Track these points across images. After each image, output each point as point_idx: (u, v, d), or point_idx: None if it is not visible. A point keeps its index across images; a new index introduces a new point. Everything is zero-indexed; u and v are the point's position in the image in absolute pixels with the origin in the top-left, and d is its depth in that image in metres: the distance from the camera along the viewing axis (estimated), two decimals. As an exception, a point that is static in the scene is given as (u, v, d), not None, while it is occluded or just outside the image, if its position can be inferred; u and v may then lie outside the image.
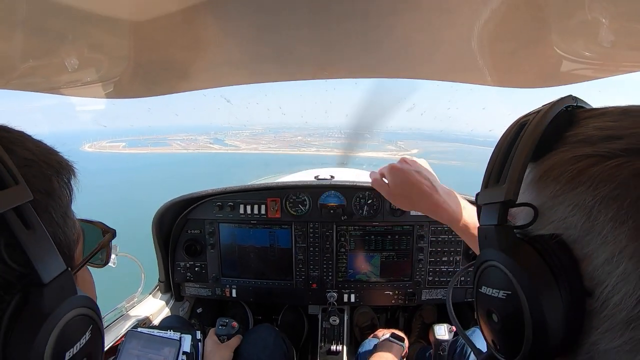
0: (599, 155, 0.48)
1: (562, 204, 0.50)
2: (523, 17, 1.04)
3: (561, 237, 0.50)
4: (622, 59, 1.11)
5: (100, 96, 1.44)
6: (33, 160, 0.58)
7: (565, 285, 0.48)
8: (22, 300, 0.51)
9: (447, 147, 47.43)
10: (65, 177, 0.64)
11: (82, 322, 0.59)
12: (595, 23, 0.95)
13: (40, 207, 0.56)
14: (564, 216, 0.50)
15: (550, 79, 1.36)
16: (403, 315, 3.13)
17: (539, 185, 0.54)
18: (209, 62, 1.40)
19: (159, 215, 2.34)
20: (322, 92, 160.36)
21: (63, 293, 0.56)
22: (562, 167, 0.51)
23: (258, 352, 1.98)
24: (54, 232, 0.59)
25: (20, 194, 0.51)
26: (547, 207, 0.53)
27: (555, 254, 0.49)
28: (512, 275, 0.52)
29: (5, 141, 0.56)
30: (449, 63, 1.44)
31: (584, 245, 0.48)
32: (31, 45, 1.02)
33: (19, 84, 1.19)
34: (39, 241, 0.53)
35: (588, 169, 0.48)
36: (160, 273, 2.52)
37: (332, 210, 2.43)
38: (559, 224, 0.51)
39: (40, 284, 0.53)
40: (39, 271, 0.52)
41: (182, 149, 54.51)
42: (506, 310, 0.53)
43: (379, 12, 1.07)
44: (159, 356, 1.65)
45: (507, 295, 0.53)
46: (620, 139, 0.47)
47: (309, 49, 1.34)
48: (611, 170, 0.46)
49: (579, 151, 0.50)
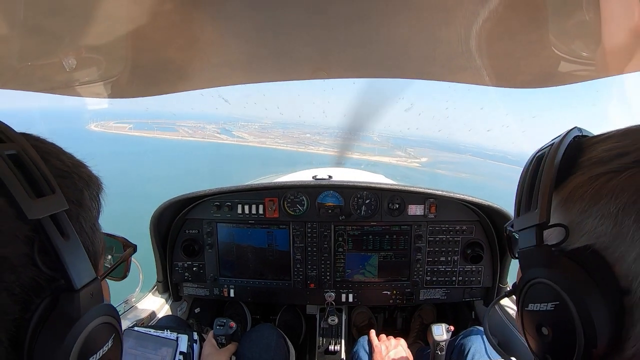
0: (613, 172, 0.55)
1: (589, 218, 0.57)
2: (521, 18, 1.05)
3: (594, 246, 0.56)
4: (619, 60, 1.11)
5: (98, 96, 1.44)
6: (67, 171, 0.60)
7: (604, 287, 0.54)
8: (51, 304, 0.53)
9: (456, 157, 47.25)
10: (95, 190, 0.66)
11: (106, 329, 0.60)
12: (592, 24, 0.95)
13: (73, 216, 0.58)
14: (594, 227, 0.56)
15: (548, 79, 1.37)
16: (401, 316, 3.14)
17: (566, 207, 0.61)
18: (206, 62, 1.40)
19: (156, 216, 2.33)
20: (319, 92, 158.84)
21: (92, 300, 0.57)
22: (583, 187, 0.58)
23: (260, 351, 1.98)
24: (84, 242, 0.60)
25: (57, 203, 0.53)
26: (576, 223, 0.59)
27: (592, 261, 0.55)
28: (558, 287, 0.58)
29: (41, 151, 0.57)
30: (447, 63, 1.44)
31: (615, 249, 0.54)
32: (29, 46, 1.01)
33: (17, 84, 1.18)
34: (73, 249, 0.54)
35: (607, 184, 0.55)
36: (158, 273, 2.52)
37: (330, 210, 2.43)
38: (590, 235, 0.57)
39: (72, 289, 0.54)
40: (71, 277, 0.54)
41: (188, 136, 53.89)
42: (556, 319, 0.59)
43: (376, 12, 1.07)
44: (157, 356, 1.65)
45: (556, 305, 0.58)
46: (628, 155, 0.55)
47: (306, 49, 1.34)
48: (626, 180, 0.53)
49: (595, 171, 0.58)
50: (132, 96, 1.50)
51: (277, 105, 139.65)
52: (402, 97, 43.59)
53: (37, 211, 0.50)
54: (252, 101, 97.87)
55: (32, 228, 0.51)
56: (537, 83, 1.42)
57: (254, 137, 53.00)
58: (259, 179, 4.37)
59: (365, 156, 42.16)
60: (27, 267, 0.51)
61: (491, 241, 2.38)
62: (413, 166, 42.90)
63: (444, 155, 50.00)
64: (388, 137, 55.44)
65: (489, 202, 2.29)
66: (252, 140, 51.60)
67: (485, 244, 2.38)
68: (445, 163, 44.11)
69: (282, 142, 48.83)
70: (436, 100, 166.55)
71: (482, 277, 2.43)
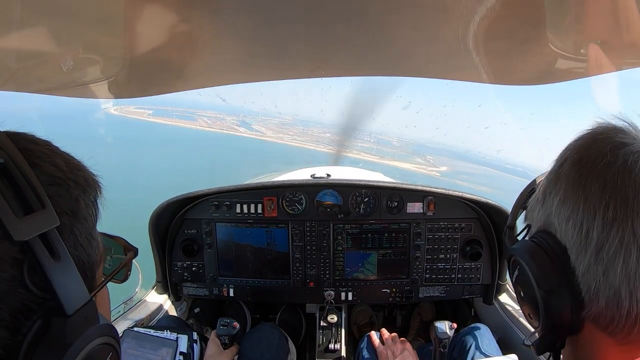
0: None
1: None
2: (518, 15, 1.05)
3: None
4: (616, 57, 1.12)
5: (96, 96, 1.43)
6: (61, 178, 0.56)
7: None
8: (42, 328, 0.50)
9: (475, 169, 46.78)
10: (92, 195, 0.62)
11: (102, 350, 0.58)
12: (589, 21, 0.96)
13: (66, 229, 0.55)
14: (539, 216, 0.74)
15: (546, 77, 1.37)
16: (401, 313, 3.14)
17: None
18: (204, 61, 1.40)
19: (155, 216, 2.33)
20: (317, 90, 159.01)
21: (85, 324, 0.55)
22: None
23: (262, 350, 1.98)
24: (78, 256, 0.58)
25: (47, 220, 0.50)
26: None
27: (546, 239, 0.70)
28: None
29: (32, 156, 0.54)
30: (445, 61, 1.44)
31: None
32: (26, 46, 1.01)
33: (14, 85, 1.18)
34: (63, 270, 0.52)
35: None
36: (158, 273, 2.51)
37: (328, 209, 2.43)
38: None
39: (64, 314, 0.51)
40: (62, 302, 0.51)
41: (207, 126, 53.20)
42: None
43: (374, 11, 1.07)
44: (157, 356, 1.65)
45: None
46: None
47: (304, 48, 1.34)
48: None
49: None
50: (129, 96, 1.49)
51: (298, 101, 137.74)
52: (399, 94, 42.72)
53: (23, 232, 0.47)
54: (281, 96, 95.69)
55: (20, 249, 0.48)
56: (534, 80, 1.42)
57: (272, 132, 52.38)
58: (258, 178, 4.35)
59: (384, 160, 41.80)
60: (16, 290, 0.49)
61: (490, 238, 2.38)
62: (433, 175, 42.40)
63: (463, 165, 49.45)
64: (407, 142, 55.03)
65: (488, 200, 2.29)
66: (270, 135, 50.97)
67: (484, 242, 2.39)
68: (465, 174, 43.51)
69: (300, 139, 48.26)
70: (434, 98, 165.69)
71: (481, 274, 2.43)
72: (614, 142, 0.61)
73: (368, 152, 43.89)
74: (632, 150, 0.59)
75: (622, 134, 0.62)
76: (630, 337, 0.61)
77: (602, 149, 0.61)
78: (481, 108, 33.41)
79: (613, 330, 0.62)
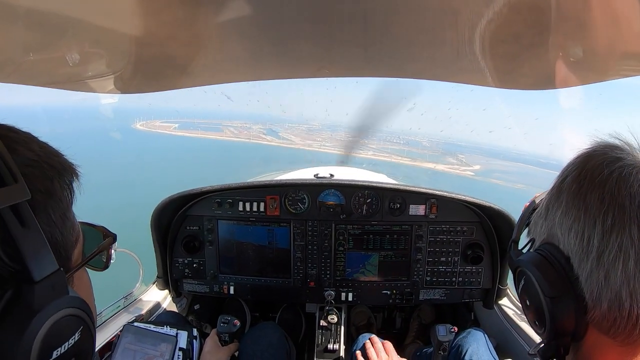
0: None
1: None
2: (525, 20, 1.04)
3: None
4: (622, 63, 1.11)
5: (101, 91, 1.44)
6: (36, 161, 0.59)
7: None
8: (14, 296, 0.52)
9: (509, 166, 46.03)
10: (67, 179, 0.65)
11: (71, 322, 0.59)
12: (596, 27, 0.95)
13: (39, 206, 0.57)
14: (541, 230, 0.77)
15: (552, 82, 1.36)
16: (400, 315, 3.13)
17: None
18: (209, 58, 1.40)
19: (157, 212, 2.33)
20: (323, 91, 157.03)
21: (53, 292, 0.56)
22: None
23: (263, 349, 1.98)
24: (52, 232, 0.60)
25: (18, 192, 0.52)
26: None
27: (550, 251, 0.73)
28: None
29: (10, 141, 0.57)
30: (451, 64, 1.44)
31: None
32: (32, 40, 1.01)
33: (19, 78, 1.19)
34: (33, 239, 0.54)
35: None
36: (159, 269, 2.52)
37: (331, 209, 2.43)
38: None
39: (31, 281, 0.53)
40: (30, 268, 0.53)
41: (233, 136, 53.09)
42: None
43: (381, 13, 1.07)
44: (156, 351, 1.65)
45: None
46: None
47: (310, 48, 1.34)
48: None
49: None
50: (133, 91, 1.50)
51: (325, 107, 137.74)
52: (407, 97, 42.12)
53: None
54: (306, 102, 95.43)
55: None
56: (540, 85, 1.42)
57: (300, 140, 52.25)
58: (261, 176, 4.34)
59: (416, 162, 41.35)
60: None
61: (492, 242, 2.38)
62: (466, 175, 41.64)
63: (497, 163, 48.74)
64: (438, 142, 54.47)
65: (490, 204, 2.28)
66: (298, 142, 50.87)
67: (486, 245, 2.38)
68: (500, 172, 42.77)
69: (329, 145, 48.03)
70: (439, 100, 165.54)
71: (482, 278, 2.42)
72: (610, 157, 0.66)
73: (399, 155, 43.52)
74: (627, 163, 0.64)
75: (618, 150, 0.67)
76: (631, 337, 0.64)
77: (600, 164, 0.66)
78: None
79: (615, 332, 0.65)
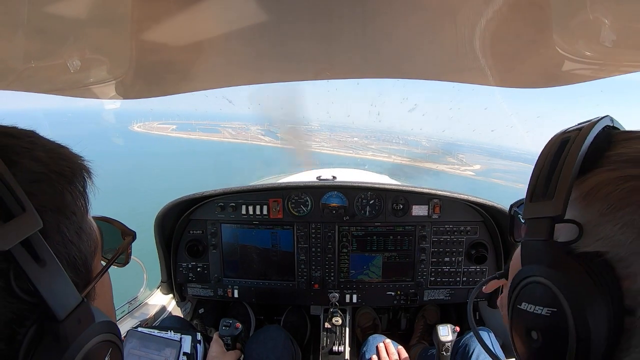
0: None
1: (610, 223, 0.51)
2: (525, 18, 1.04)
3: (606, 255, 0.50)
4: (623, 59, 1.11)
5: (103, 97, 1.44)
6: (43, 173, 0.52)
7: (609, 302, 0.49)
8: (37, 335, 0.48)
9: (510, 165, 45.70)
10: (80, 184, 0.58)
11: (101, 348, 0.56)
12: (596, 23, 0.95)
13: (52, 227, 0.52)
14: (612, 234, 0.50)
15: (552, 79, 1.36)
16: (405, 316, 3.13)
17: (584, 203, 0.55)
18: (210, 63, 1.40)
19: (161, 216, 2.34)
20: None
21: (80, 326, 0.52)
22: (609, 186, 0.52)
23: (268, 352, 1.99)
24: (68, 253, 0.55)
25: (29, 223, 0.46)
26: (592, 225, 0.53)
27: (600, 271, 0.50)
28: (560, 293, 0.52)
29: (10, 152, 0.50)
30: (451, 63, 1.44)
31: (629, 263, 0.49)
32: (33, 47, 1.02)
33: (20, 85, 1.19)
34: (51, 275, 0.48)
35: (638, 189, 0.49)
36: (163, 273, 2.52)
37: (334, 211, 2.43)
38: (606, 242, 0.51)
39: (55, 319, 0.49)
40: (52, 308, 0.48)
41: (231, 137, 53.00)
42: (550, 327, 0.54)
43: (381, 13, 1.07)
44: (160, 356, 1.65)
45: (553, 312, 0.53)
46: None
47: (311, 50, 1.34)
48: None
49: (627, 172, 0.51)
50: (135, 97, 1.50)
51: (326, 109, 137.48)
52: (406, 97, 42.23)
53: (4, 241, 0.44)
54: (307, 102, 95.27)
55: (4, 258, 0.45)
56: (541, 83, 1.41)
57: (299, 140, 52.32)
58: (263, 179, 4.35)
59: (416, 163, 41.21)
60: (6, 300, 0.47)
61: (495, 242, 2.37)
62: (467, 174, 41.50)
63: (497, 163, 48.46)
64: (437, 141, 54.28)
65: (493, 203, 2.28)
66: (297, 143, 50.98)
67: (490, 245, 2.38)
68: (500, 171, 42.50)
69: (327, 145, 47.87)
70: (440, 100, 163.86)
71: (487, 277, 2.42)
72: None
73: (399, 155, 43.37)
74: None
75: None
76: None
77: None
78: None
79: None
